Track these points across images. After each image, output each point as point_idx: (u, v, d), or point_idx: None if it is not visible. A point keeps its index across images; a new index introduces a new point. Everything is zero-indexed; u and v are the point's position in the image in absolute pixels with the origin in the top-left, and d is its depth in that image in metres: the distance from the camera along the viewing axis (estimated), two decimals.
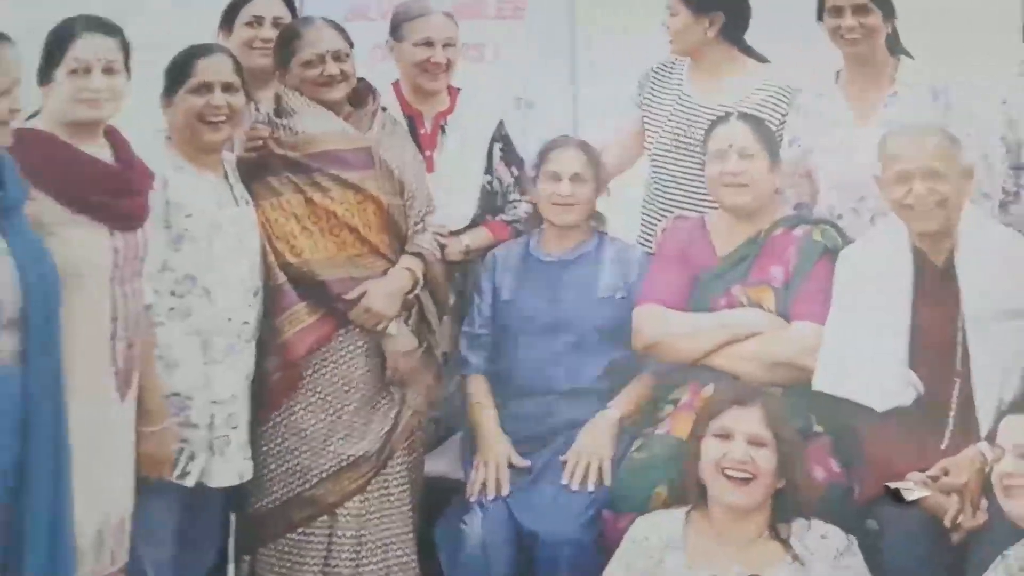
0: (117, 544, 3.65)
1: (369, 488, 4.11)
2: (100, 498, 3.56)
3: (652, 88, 4.73)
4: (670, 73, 4.71)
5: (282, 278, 4.07)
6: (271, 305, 4.08)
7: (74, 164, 3.56)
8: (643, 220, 4.70)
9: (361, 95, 4.32)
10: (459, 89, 4.69)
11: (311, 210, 4.12)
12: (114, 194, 3.60)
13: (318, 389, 4.09)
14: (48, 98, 3.63)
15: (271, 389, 4.08)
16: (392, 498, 4.15)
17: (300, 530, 4.09)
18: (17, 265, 3.22)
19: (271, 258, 4.07)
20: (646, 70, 4.79)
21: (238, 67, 4.03)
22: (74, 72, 3.56)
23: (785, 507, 3.70)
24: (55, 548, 3.26)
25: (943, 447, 3.81)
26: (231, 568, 4.33)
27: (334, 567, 4.08)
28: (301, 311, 4.08)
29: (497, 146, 4.65)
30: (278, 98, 4.25)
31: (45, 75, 3.62)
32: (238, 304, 3.97)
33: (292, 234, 4.10)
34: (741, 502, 3.65)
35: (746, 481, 3.64)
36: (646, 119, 4.72)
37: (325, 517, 4.08)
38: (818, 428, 4.01)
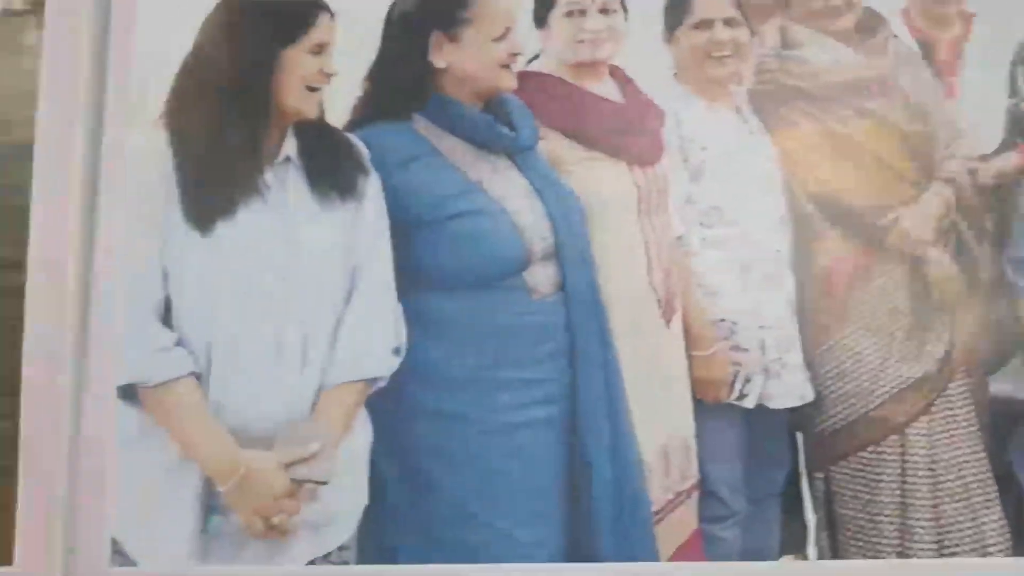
0: (684, 462, 3.74)
1: (933, 409, 4.05)
2: (661, 420, 3.66)
3: None
4: None
5: (810, 207, 4.07)
6: (804, 234, 4.08)
7: (584, 104, 3.67)
8: None
9: (868, 23, 4.25)
10: (974, 14, 4.51)
11: (830, 140, 4.09)
12: (626, 132, 3.70)
13: (865, 314, 4.05)
14: (547, 41, 3.74)
15: (817, 315, 4.05)
16: (958, 419, 4.07)
17: (870, 448, 4.06)
18: (543, 201, 3.38)
19: (796, 188, 4.07)
20: None
21: (738, 1, 4.04)
22: (570, 14, 3.67)
23: None
24: (619, 465, 3.40)
25: None
26: (804, 484, 4.29)
27: (912, 484, 4.03)
28: (835, 239, 4.07)
29: (1020, 69, 4.45)
30: (783, 31, 4.23)
31: (540, 19, 3.73)
32: (767, 232, 3.99)
33: (813, 164, 4.08)
34: None
35: None
36: None
37: (895, 436, 4.04)
38: None
